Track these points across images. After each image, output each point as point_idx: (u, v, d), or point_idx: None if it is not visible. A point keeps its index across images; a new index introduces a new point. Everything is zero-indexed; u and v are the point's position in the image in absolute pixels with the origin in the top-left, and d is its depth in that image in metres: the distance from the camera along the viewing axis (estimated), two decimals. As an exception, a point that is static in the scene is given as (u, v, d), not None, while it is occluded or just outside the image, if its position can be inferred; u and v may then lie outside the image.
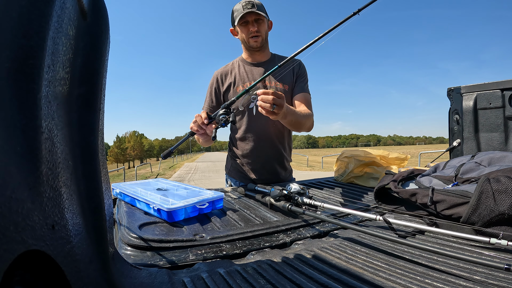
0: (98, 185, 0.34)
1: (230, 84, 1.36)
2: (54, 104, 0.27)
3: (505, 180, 0.62)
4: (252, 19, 1.27)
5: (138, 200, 0.83)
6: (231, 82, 1.36)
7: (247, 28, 1.29)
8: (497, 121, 1.26)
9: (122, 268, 0.42)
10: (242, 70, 1.37)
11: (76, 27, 0.31)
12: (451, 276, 0.45)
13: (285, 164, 1.45)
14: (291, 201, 0.81)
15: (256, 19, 1.28)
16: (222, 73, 1.39)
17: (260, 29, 1.30)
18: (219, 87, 1.39)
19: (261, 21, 1.29)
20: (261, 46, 1.34)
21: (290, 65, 1.41)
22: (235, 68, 1.39)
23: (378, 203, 0.90)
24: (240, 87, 1.34)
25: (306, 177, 1.58)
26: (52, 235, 0.24)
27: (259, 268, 0.49)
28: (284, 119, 1.08)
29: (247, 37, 1.31)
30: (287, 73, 1.38)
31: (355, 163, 1.29)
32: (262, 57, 1.39)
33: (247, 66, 1.39)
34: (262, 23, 1.30)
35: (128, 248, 0.57)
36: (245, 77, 1.36)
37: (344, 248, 0.57)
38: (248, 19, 1.27)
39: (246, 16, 1.25)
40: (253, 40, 1.31)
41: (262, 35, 1.31)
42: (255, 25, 1.28)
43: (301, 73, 1.41)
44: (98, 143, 0.34)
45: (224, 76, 1.39)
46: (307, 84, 1.42)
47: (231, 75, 1.38)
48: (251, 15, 1.26)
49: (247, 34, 1.30)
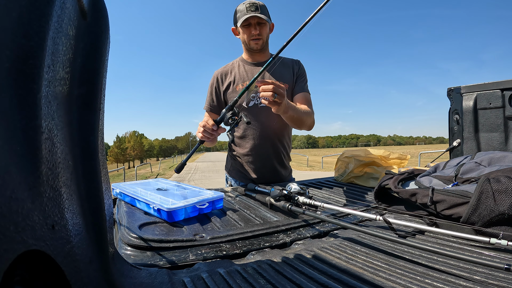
0: (98, 185, 0.34)
1: (230, 83, 1.37)
2: (54, 104, 0.27)
3: (505, 180, 0.62)
4: (254, 22, 1.28)
5: (138, 200, 0.83)
6: (231, 81, 1.37)
7: (249, 30, 1.30)
8: (497, 121, 1.26)
9: (122, 268, 0.42)
10: (242, 69, 1.39)
11: (76, 27, 0.31)
12: (451, 276, 0.45)
13: (285, 163, 1.46)
14: (291, 201, 0.81)
15: (259, 22, 1.28)
16: (222, 73, 1.40)
17: (262, 32, 1.31)
18: (219, 86, 1.40)
19: (263, 24, 1.30)
20: (261, 48, 1.35)
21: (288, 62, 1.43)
22: (235, 67, 1.40)
23: (378, 203, 0.90)
24: (240, 86, 1.35)
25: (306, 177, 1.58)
26: (52, 235, 0.24)
27: (259, 268, 0.49)
28: (285, 113, 1.09)
29: (248, 39, 1.32)
30: (286, 72, 1.39)
31: (355, 163, 1.29)
32: (262, 58, 1.41)
33: (247, 65, 1.40)
34: (264, 26, 1.31)
35: (128, 248, 0.57)
36: (245, 76, 1.37)
37: (344, 248, 0.57)
38: (250, 22, 1.28)
39: (249, 19, 1.26)
40: (254, 43, 1.32)
41: (263, 38, 1.32)
42: (257, 28, 1.29)
43: (301, 73, 1.42)
44: (98, 143, 0.34)
45: (224, 75, 1.40)
46: (306, 84, 1.44)
47: (231, 75, 1.39)
48: (254, 18, 1.26)
49: (249, 36, 1.31)
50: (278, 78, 1.36)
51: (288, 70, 1.41)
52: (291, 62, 1.44)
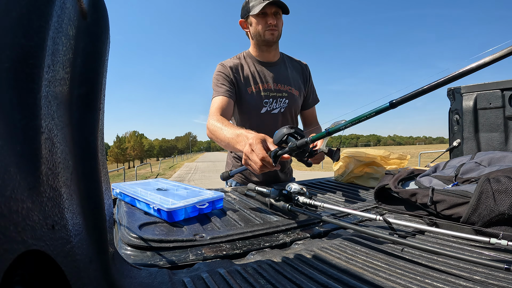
0: (98, 185, 0.34)
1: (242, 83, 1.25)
2: (54, 104, 0.27)
3: (505, 180, 0.62)
4: (272, 11, 1.18)
5: (138, 200, 0.83)
6: (243, 81, 1.25)
7: (265, 20, 1.18)
8: (497, 121, 1.26)
9: (122, 268, 0.42)
10: (253, 69, 1.27)
11: (76, 27, 0.31)
12: (451, 276, 0.45)
13: (285, 164, 1.45)
14: (291, 201, 0.81)
15: (275, 12, 1.19)
16: (233, 67, 1.25)
17: (278, 23, 1.21)
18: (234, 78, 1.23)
19: (279, 15, 1.21)
20: (275, 41, 1.24)
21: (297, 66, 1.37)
22: (245, 65, 1.27)
23: (378, 203, 0.90)
24: (252, 89, 1.24)
25: (306, 177, 1.58)
26: (52, 235, 0.24)
27: (259, 268, 0.49)
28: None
29: (263, 30, 1.20)
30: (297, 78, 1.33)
31: (355, 163, 1.29)
32: (273, 56, 1.30)
33: (258, 65, 1.28)
34: (280, 18, 1.22)
35: (128, 248, 0.57)
36: (257, 78, 1.26)
37: (344, 248, 0.57)
38: (267, 11, 1.17)
39: (266, 8, 1.15)
40: (270, 33, 1.20)
41: (279, 29, 1.22)
42: (274, 18, 1.18)
43: (311, 83, 1.38)
44: (98, 143, 0.34)
45: (235, 70, 1.25)
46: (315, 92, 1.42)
47: (242, 72, 1.26)
48: (271, 7, 1.16)
49: (264, 26, 1.19)
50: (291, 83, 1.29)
51: (299, 76, 1.34)
52: (300, 67, 1.37)
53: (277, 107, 1.26)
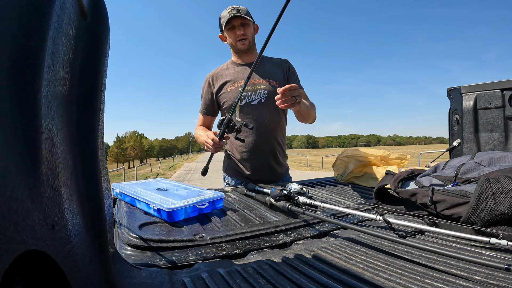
0: (98, 185, 0.34)
1: (221, 85, 1.43)
2: (54, 104, 0.27)
3: (505, 180, 0.62)
4: (238, 23, 1.34)
5: (138, 200, 0.83)
6: (222, 83, 1.43)
7: (234, 32, 1.35)
8: (497, 121, 1.26)
9: (122, 268, 0.42)
10: (232, 71, 1.45)
11: (76, 27, 0.31)
12: (451, 276, 0.45)
13: (280, 160, 1.47)
14: (291, 201, 0.81)
15: (242, 23, 1.34)
16: (213, 76, 1.47)
17: (247, 32, 1.36)
18: (211, 88, 1.46)
19: (247, 25, 1.35)
20: (248, 48, 1.39)
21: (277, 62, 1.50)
22: (226, 69, 1.47)
23: (378, 203, 0.90)
24: (231, 87, 1.41)
25: (306, 177, 1.58)
26: (52, 235, 0.24)
27: (259, 268, 0.49)
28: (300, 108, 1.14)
29: (234, 41, 1.37)
30: (277, 71, 1.46)
31: (355, 163, 1.29)
32: (250, 58, 1.46)
33: (237, 67, 1.45)
34: (248, 27, 1.36)
35: (128, 248, 0.57)
36: (236, 77, 1.43)
37: (344, 248, 0.57)
38: (234, 24, 1.34)
39: (232, 21, 1.32)
40: (241, 43, 1.37)
41: (248, 38, 1.37)
42: (241, 28, 1.34)
43: (292, 71, 1.49)
44: (98, 143, 0.34)
45: (215, 78, 1.46)
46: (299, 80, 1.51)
47: (222, 77, 1.45)
48: (236, 20, 1.33)
49: (235, 38, 1.36)
50: (269, 76, 1.42)
51: (278, 69, 1.46)
52: (280, 61, 1.50)
53: (257, 98, 1.39)
